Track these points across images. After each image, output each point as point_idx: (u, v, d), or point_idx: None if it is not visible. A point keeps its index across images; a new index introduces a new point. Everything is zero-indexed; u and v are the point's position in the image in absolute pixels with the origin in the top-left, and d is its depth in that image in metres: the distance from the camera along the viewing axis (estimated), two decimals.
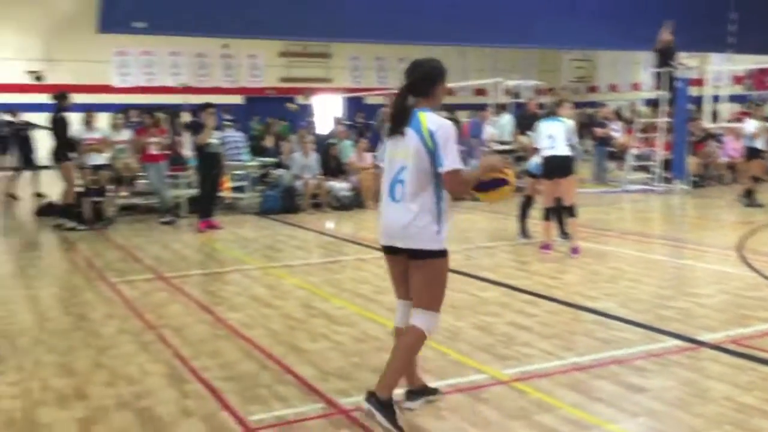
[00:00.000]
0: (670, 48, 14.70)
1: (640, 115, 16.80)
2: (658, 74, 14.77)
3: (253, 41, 22.48)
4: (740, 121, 14.51)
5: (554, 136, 7.95)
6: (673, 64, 14.65)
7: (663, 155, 14.61)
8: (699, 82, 18.46)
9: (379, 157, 3.88)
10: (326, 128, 18.40)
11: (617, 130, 16.25)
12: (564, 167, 7.98)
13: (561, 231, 8.82)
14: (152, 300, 6.45)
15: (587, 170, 15.86)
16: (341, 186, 12.57)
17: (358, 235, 9.99)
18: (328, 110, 24.05)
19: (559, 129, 7.98)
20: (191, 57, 23.98)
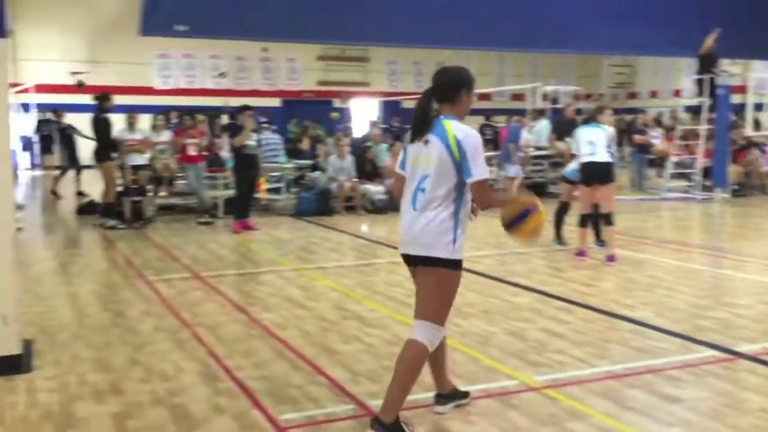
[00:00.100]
0: (713, 54, 14.46)
1: (681, 122, 16.56)
2: (700, 81, 14.54)
3: (292, 45, 22.68)
4: None
5: (595, 143, 7.88)
6: (716, 71, 14.42)
7: (703, 163, 14.38)
8: (742, 90, 18.12)
9: (400, 165, 3.74)
10: (362, 131, 18.46)
11: (657, 137, 16.04)
12: (604, 174, 7.91)
13: (597, 238, 8.73)
14: (188, 299, 6.55)
15: (625, 177, 15.67)
16: (376, 189, 12.61)
17: (392, 239, 10.00)
18: (365, 114, 24.15)
19: (600, 135, 7.92)
20: (231, 60, 24.27)
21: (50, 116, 17.20)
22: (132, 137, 11.25)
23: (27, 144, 20.60)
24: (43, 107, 19.42)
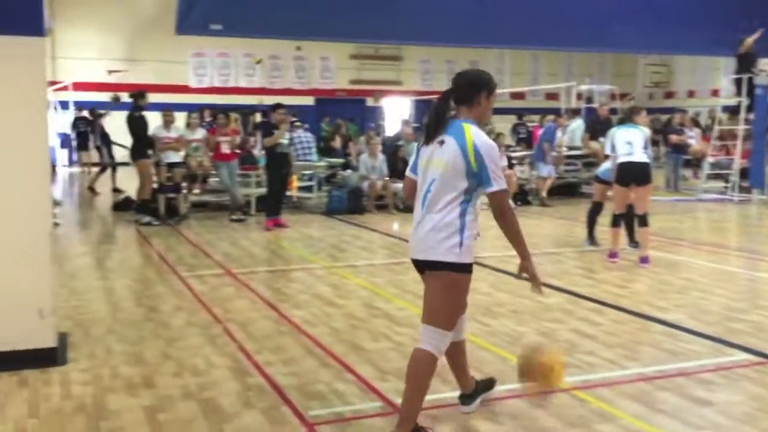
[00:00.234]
0: (752, 54, 14.20)
1: (719, 122, 16.28)
2: (739, 80, 14.29)
3: (326, 44, 22.75)
4: None
5: (632, 143, 7.79)
6: (754, 71, 14.15)
7: (740, 164, 14.13)
8: None
9: (411, 168, 3.66)
10: (394, 130, 18.48)
11: (693, 137, 15.80)
12: (642, 175, 7.81)
13: (630, 239, 8.64)
14: (220, 295, 6.62)
15: (660, 178, 15.45)
16: None
17: None
18: (398, 112, 24.16)
19: (638, 136, 7.83)
20: (265, 59, 24.42)
21: (86, 114, 17.52)
22: (168, 135, 11.38)
23: (65, 141, 20.98)
24: (81, 105, 19.77)
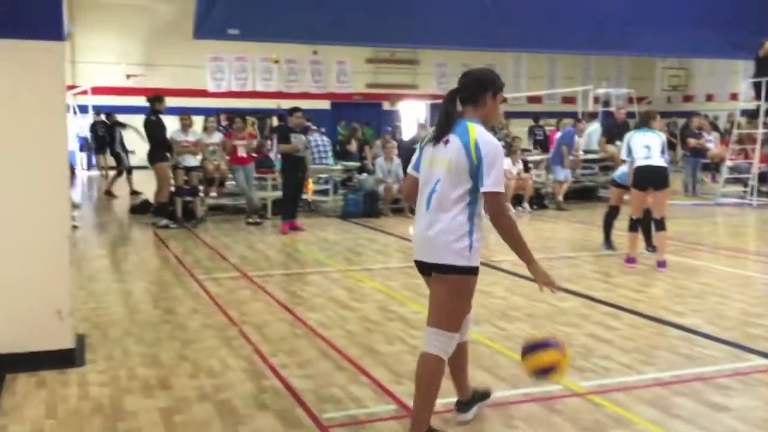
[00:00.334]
0: None
1: (738, 126, 16.15)
2: (758, 84, 14.16)
3: (342, 48, 22.82)
4: None
5: (650, 147, 7.77)
6: None
7: (760, 168, 13.99)
8: None
9: (413, 166, 3.60)
10: (410, 134, 18.49)
11: (711, 141, 15.67)
12: (660, 179, 7.77)
13: (648, 244, 8.58)
14: (236, 297, 6.66)
15: (678, 182, 15.34)
16: None
17: None
18: (414, 116, 24.15)
19: (655, 140, 7.81)
20: (282, 62, 24.53)
21: (103, 118, 17.68)
22: (185, 139, 11.45)
23: (84, 145, 21.19)
24: (99, 109, 19.97)
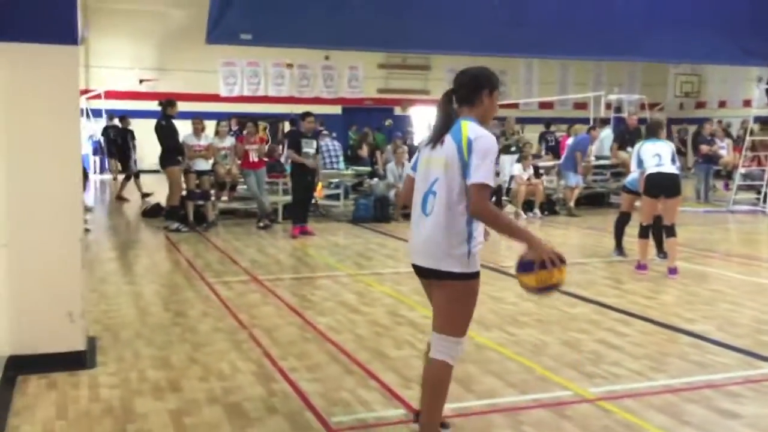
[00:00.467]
0: None
1: (751, 133, 16.06)
2: None
3: (354, 53, 22.86)
4: None
5: (661, 155, 7.79)
6: None
7: None
8: None
9: (412, 167, 3.56)
10: (422, 139, 18.52)
11: (724, 147, 15.59)
12: (672, 186, 7.76)
13: (659, 250, 8.55)
14: (246, 301, 6.68)
15: (690, 188, 15.27)
16: None
17: None
18: (425, 121, 24.15)
19: (665, 149, 7.86)
20: (294, 68, 24.59)
21: (116, 122, 17.79)
22: (198, 143, 11.49)
23: (97, 149, 21.32)
24: (112, 113, 20.10)
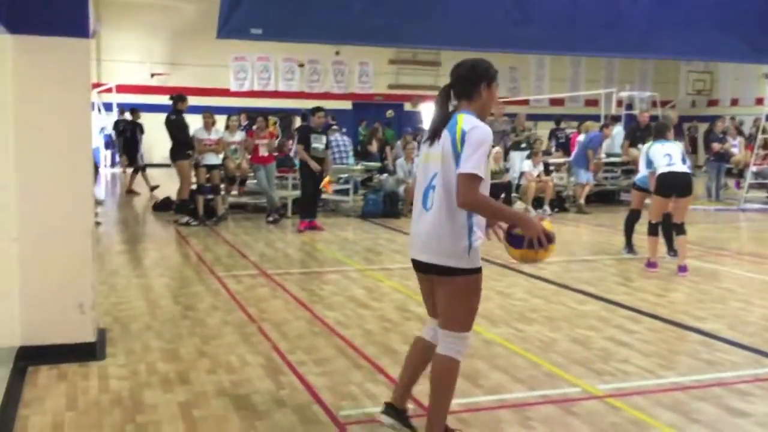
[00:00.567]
0: None
1: (763, 131, 15.96)
2: None
3: (364, 49, 22.82)
4: None
5: (671, 155, 7.76)
6: None
7: None
8: None
9: (415, 166, 3.57)
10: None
11: (736, 146, 15.50)
12: (684, 186, 7.72)
13: (669, 248, 8.51)
14: (255, 295, 6.69)
15: (700, 186, 15.20)
16: None
17: None
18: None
19: (675, 149, 7.83)
20: (305, 63, 24.59)
21: (127, 116, 17.85)
22: (208, 137, 11.50)
23: (109, 142, 21.40)
24: (123, 107, 20.17)
